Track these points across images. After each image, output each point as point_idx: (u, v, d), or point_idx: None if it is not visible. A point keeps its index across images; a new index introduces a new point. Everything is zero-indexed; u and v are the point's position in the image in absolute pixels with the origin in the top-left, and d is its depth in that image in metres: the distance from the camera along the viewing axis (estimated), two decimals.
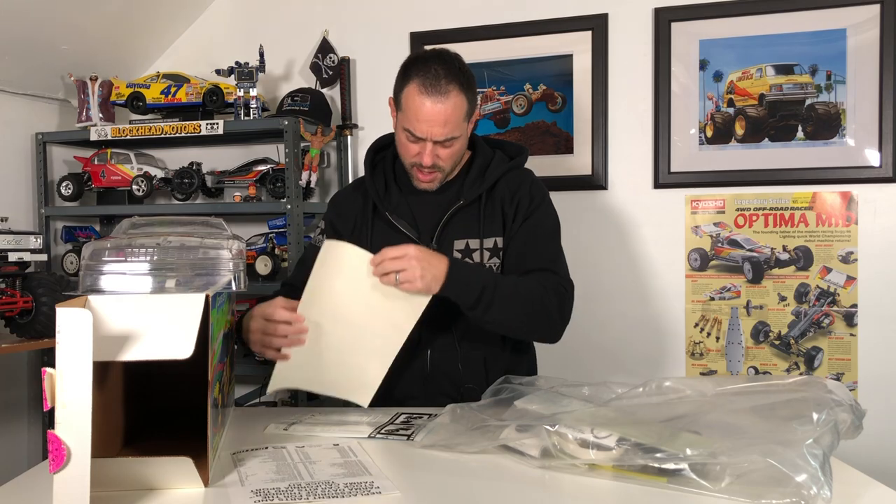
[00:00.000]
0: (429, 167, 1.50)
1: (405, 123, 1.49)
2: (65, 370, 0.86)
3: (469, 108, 1.50)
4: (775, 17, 2.29)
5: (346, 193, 1.70)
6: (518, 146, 1.66)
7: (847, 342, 2.30)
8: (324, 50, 2.67)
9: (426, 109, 1.44)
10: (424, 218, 1.57)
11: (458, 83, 1.46)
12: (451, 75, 1.45)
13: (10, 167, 2.62)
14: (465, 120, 1.50)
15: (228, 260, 1.20)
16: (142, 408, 1.33)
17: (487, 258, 1.55)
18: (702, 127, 2.38)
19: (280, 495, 0.98)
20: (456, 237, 1.55)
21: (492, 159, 1.60)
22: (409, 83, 1.47)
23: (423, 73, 1.45)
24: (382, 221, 1.58)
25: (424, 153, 1.48)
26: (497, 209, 1.57)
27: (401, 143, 1.53)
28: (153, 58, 2.88)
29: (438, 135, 1.46)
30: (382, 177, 1.63)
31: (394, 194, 1.61)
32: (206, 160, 2.76)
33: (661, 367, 2.43)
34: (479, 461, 1.12)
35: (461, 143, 1.52)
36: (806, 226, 2.32)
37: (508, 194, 1.58)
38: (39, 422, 2.67)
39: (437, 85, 1.44)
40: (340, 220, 1.64)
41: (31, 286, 2.06)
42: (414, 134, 1.47)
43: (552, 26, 2.47)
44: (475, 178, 1.58)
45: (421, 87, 1.45)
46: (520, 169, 1.63)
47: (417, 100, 1.45)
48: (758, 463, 0.92)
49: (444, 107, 1.44)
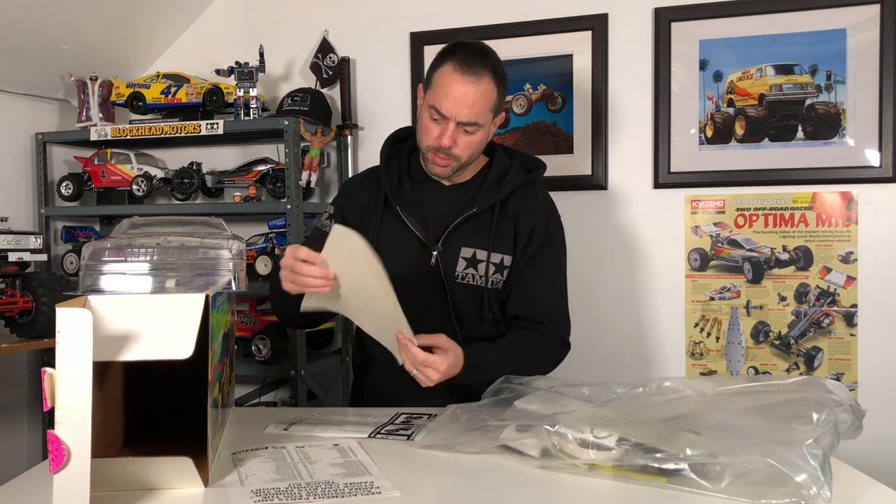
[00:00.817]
0: (445, 150, 1.48)
1: (432, 100, 1.48)
2: (65, 370, 0.86)
3: (497, 101, 1.50)
4: (775, 17, 2.29)
5: (360, 181, 1.69)
6: (535, 160, 1.66)
7: (847, 342, 2.30)
8: (324, 50, 2.67)
9: (457, 87, 1.45)
10: (435, 218, 1.57)
11: (493, 72, 1.47)
12: (488, 63, 1.47)
13: (10, 167, 2.62)
14: (491, 111, 1.49)
15: (228, 260, 1.20)
16: (142, 408, 1.33)
17: (492, 272, 1.55)
18: (702, 127, 2.38)
19: (280, 495, 0.99)
20: (464, 244, 1.55)
21: (509, 169, 1.60)
22: (446, 62, 1.48)
23: (461, 54, 1.46)
24: (392, 215, 1.57)
25: (445, 134, 1.47)
26: (509, 225, 1.57)
27: (422, 126, 1.52)
28: (153, 58, 2.88)
29: (463, 115, 1.45)
30: (397, 169, 1.62)
31: (406, 189, 1.60)
32: (206, 160, 2.76)
33: (661, 367, 2.43)
34: (479, 461, 1.12)
35: (482, 135, 1.51)
36: (806, 226, 2.32)
37: (524, 213, 1.58)
38: (39, 422, 2.67)
39: (473, 66, 1.45)
40: (350, 206, 1.63)
41: (31, 286, 2.07)
42: (439, 111, 1.46)
43: (552, 26, 2.47)
44: (491, 186, 1.57)
45: (456, 65, 1.45)
46: (535, 184, 1.62)
47: (450, 76, 1.45)
48: (758, 463, 0.92)
49: (476, 89, 1.45)
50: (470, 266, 1.54)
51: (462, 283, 1.55)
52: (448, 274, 1.55)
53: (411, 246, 1.57)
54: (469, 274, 1.55)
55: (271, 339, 2.43)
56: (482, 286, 1.55)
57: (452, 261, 1.55)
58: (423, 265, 1.55)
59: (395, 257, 1.53)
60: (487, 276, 1.54)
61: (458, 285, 1.55)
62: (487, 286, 1.55)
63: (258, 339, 2.45)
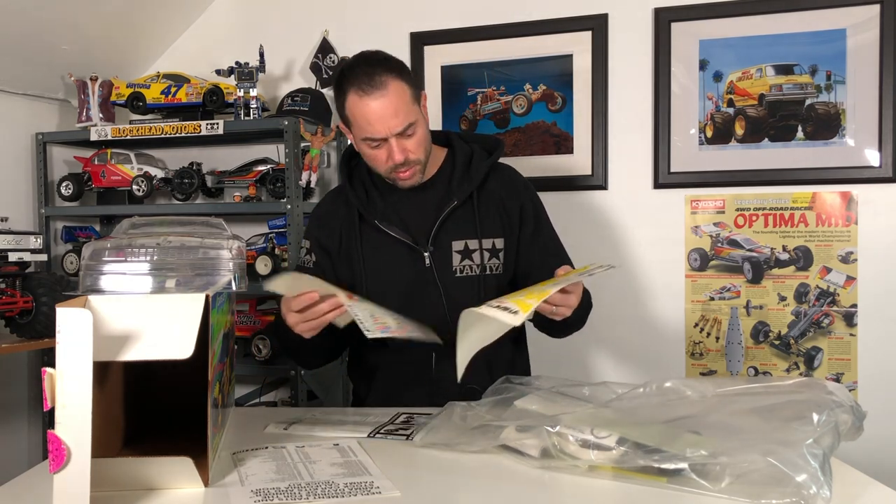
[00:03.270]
0: (402, 163, 1.47)
1: (361, 134, 1.46)
2: (65, 370, 0.86)
3: (413, 91, 1.47)
4: (775, 17, 2.29)
5: (326, 205, 1.66)
6: (493, 139, 1.66)
7: (847, 342, 2.30)
8: (324, 50, 2.67)
9: (372, 108, 1.42)
10: (415, 221, 1.56)
11: (390, 72, 1.44)
12: (381, 68, 1.44)
13: (10, 167, 2.62)
14: (414, 104, 1.47)
15: (228, 260, 1.20)
16: (142, 408, 1.33)
17: (487, 259, 1.55)
18: (702, 127, 2.38)
19: (280, 495, 0.98)
20: (453, 238, 1.55)
21: (472, 155, 1.60)
22: (348, 94, 1.45)
23: (353, 79, 1.43)
24: (371, 229, 1.56)
25: (393, 152, 1.45)
26: (493, 209, 1.57)
27: (369, 158, 1.51)
28: (153, 58, 2.88)
29: (395, 126, 1.43)
30: (361, 184, 1.61)
31: (376, 201, 1.58)
32: (206, 160, 2.76)
33: (661, 367, 2.43)
34: (479, 461, 1.12)
35: (423, 129, 1.49)
36: (806, 226, 2.32)
37: (505, 194, 1.59)
38: (39, 422, 2.67)
39: (372, 81, 1.42)
40: (326, 234, 1.60)
41: (31, 286, 2.07)
42: (374, 138, 1.45)
43: (552, 26, 2.47)
44: (461, 175, 1.57)
45: (358, 90, 1.42)
46: (502, 164, 1.64)
47: (360, 103, 1.43)
48: (758, 463, 0.92)
49: (388, 99, 1.42)
50: (465, 258, 1.54)
51: (460, 277, 1.55)
52: (444, 271, 1.55)
53: (400, 254, 1.55)
54: (466, 266, 1.55)
55: (271, 339, 2.43)
56: (479, 274, 1.56)
57: (446, 258, 1.55)
58: (417, 269, 1.55)
59: (388, 269, 1.54)
60: (483, 262, 1.55)
61: (456, 280, 1.55)
62: (485, 273, 1.56)
63: (258, 339, 2.45)
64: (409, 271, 1.55)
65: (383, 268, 1.55)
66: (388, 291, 1.52)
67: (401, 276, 1.55)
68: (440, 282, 1.54)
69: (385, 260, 1.55)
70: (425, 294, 1.55)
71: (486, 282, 1.55)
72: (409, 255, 1.55)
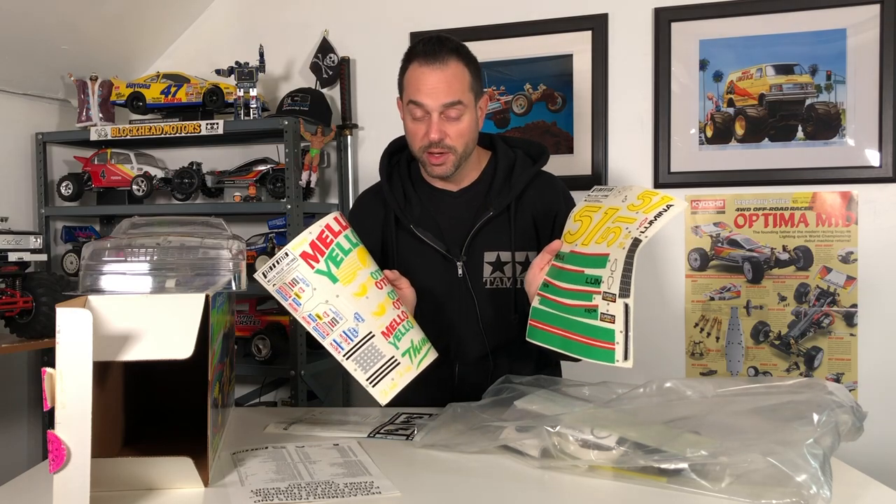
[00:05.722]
0: (437, 143, 1.44)
1: (409, 97, 1.45)
2: (65, 370, 0.86)
3: (473, 80, 1.47)
4: (775, 17, 2.29)
5: (364, 205, 1.64)
6: (538, 146, 1.61)
7: (847, 342, 2.30)
8: (324, 50, 2.67)
9: (427, 77, 1.43)
10: (451, 229, 1.53)
11: (458, 54, 1.45)
12: (449, 46, 1.45)
13: (10, 167, 2.62)
14: (469, 91, 1.46)
15: (228, 260, 1.20)
16: (142, 408, 1.33)
17: (519, 272, 1.52)
18: (702, 127, 2.38)
19: (280, 495, 0.98)
20: (486, 249, 1.52)
21: (515, 161, 1.56)
22: (410, 63, 1.46)
23: (421, 49, 1.45)
24: (406, 233, 1.54)
25: (431, 127, 1.43)
26: (528, 220, 1.54)
27: (409, 131, 1.49)
28: (153, 58, 2.88)
29: (442, 98, 1.42)
30: (400, 184, 1.58)
31: (414, 204, 1.55)
32: (206, 160, 2.76)
33: (661, 367, 2.43)
34: (479, 461, 1.12)
35: (469, 121, 1.47)
36: (806, 226, 2.32)
37: (540, 205, 1.55)
38: (39, 422, 2.67)
39: (437, 54, 1.43)
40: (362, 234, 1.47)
41: (31, 286, 2.07)
42: (418, 103, 1.43)
43: (552, 26, 2.47)
44: (501, 184, 1.54)
45: (420, 60, 1.44)
46: (544, 172, 1.60)
47: (418, 72, 1.44)
48: (758, 463, 0.92)
49: (444, 73, 1.42)
50: (496, 270, 1.52)
51: (490, 289, 1.52)
52: (475, 282, 1.52)
53: (434, 261, 1.53)
54: (497, 278, 1.53)
55: (271, 339, 2.43)
56: (510, 287, 1.53)
57: (478, 268, 1.52)
58: (450, 278, 1.53)
59: (422, 275, 1.50)
60: (515, 276, 1.52)
61: (486, 291, 1.52)
62: (517, 286, 1.52)
63: (258, 339, 2.45)
64: (443, 280, 1.53)
65: (418, 273, 1.50)
66: (422, 299, 1.48)
67: (436, 284, 1.52)
68: (474, 292, 1.52)
69: (420, 266, 1.52)
70: (461, 304, 1.52)
71: (519, 296, 1.51)
72: (443, 264, 1.53)
